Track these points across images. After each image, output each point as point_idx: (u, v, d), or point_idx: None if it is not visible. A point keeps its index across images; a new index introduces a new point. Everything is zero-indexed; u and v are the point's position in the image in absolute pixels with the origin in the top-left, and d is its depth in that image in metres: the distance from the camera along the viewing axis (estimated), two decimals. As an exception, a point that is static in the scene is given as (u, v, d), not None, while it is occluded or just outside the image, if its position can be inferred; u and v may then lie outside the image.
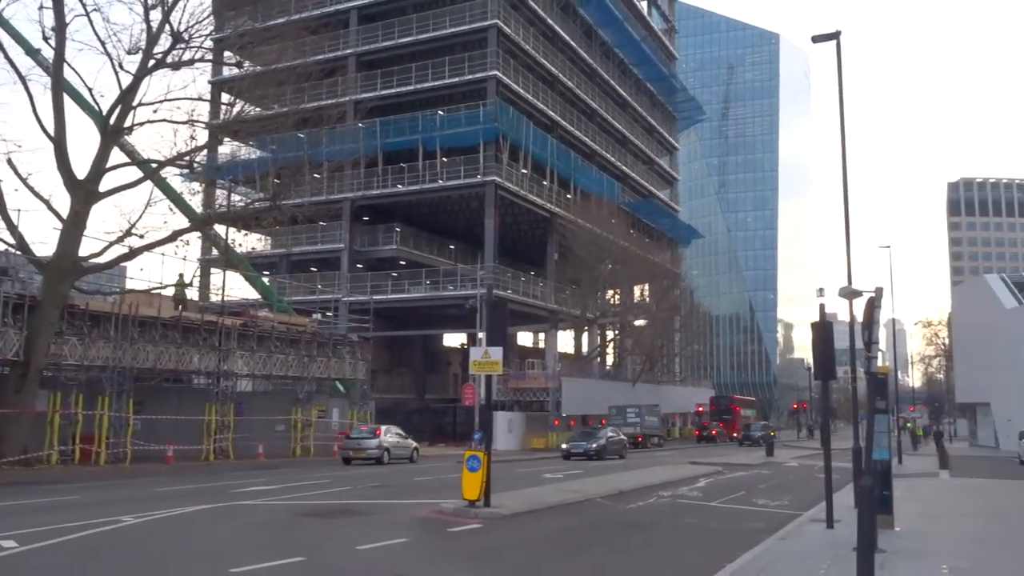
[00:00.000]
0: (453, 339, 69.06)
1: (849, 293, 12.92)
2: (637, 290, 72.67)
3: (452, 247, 60.02)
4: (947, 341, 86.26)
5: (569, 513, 16.62)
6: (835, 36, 17.93)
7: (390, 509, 16.60)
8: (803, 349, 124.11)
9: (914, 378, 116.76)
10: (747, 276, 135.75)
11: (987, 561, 11.40)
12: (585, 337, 64.97)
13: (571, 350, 67.65)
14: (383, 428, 32.71)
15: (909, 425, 66.60)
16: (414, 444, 34.69)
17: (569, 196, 57.93)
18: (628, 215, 65.01)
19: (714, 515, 17.08)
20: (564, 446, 38.44)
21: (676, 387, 73.90)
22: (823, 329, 13.64)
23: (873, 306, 10.74)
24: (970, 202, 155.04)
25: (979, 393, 63.23)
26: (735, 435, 64.07)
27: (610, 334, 70.09)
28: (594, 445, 37.03)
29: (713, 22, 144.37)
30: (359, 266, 54.61)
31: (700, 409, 71.19)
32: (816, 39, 18.34)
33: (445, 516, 15.20)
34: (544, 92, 56.56)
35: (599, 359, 67.73)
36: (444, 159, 51.70)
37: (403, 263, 54.67)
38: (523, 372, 52.60)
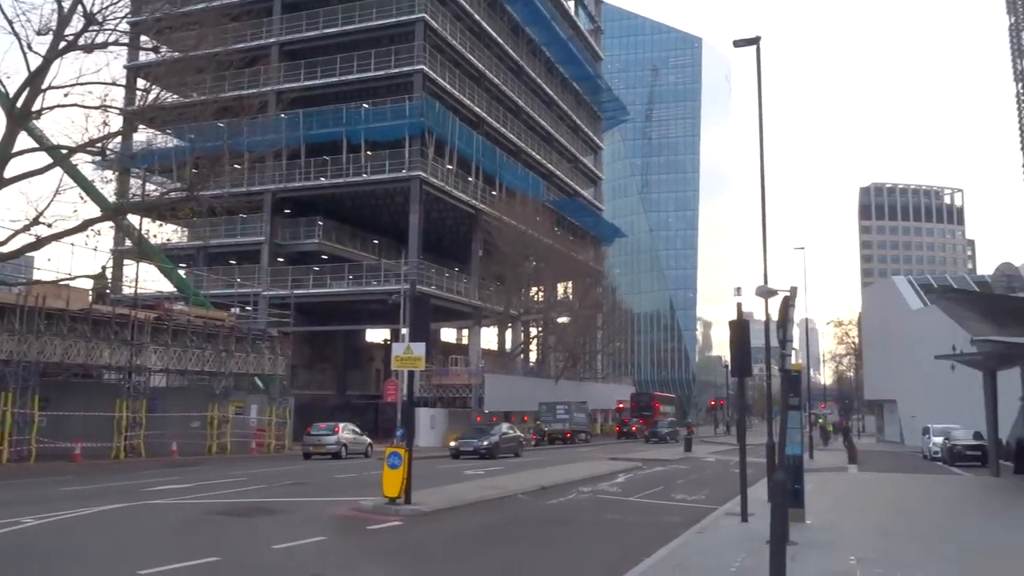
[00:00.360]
0: (376, 335, 68.36)
1: (765, 292, 13.25)
2: (561, 288, 73.24)
3: (376, 242, 59.37)
4: (857, 340, 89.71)
5: (490, 509, 16.60)
6: (755, 41, 18.35)
7: (308, 507, 16.29)
8: (721, 347, 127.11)
9: (826, 376, 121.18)
10: (668, 275, 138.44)
11: (892, 552, 11.82)
12: (509, 334, 65.18)
13: (495, 347, 67.76)
14: (341, 425, 34.37)
15: (821, 421, 68.88)
16: (368, 440, 35.45)
17: (494, 193, 57.98)
18: (553, 213, 65.45)
19: (633, 510, 17.31)
20: (452, 444, 35.34)
21: (598, 384, 74.77)
22: (740, 327, 13.96)
23: (788, 305, 11.03)
24: (880, 206, 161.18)
25: (886, 390, 65.95)
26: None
27: (533, 331, 70.44)
28: (485, 443, 34.20)
29: (638, 24, 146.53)
30: (280, 260, 53.52)
31: (621, 406, 72.20)
32: (737, 43, 18.74)
33: (364, 514, 14.99)
34: (471, 88, 56.42)
35: (522, 356, 68.02)
36: (368, 153, 51.05)
37: (325, 257, 53.81)
38: (446, 368, 52.46)
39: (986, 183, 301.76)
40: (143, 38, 31.68)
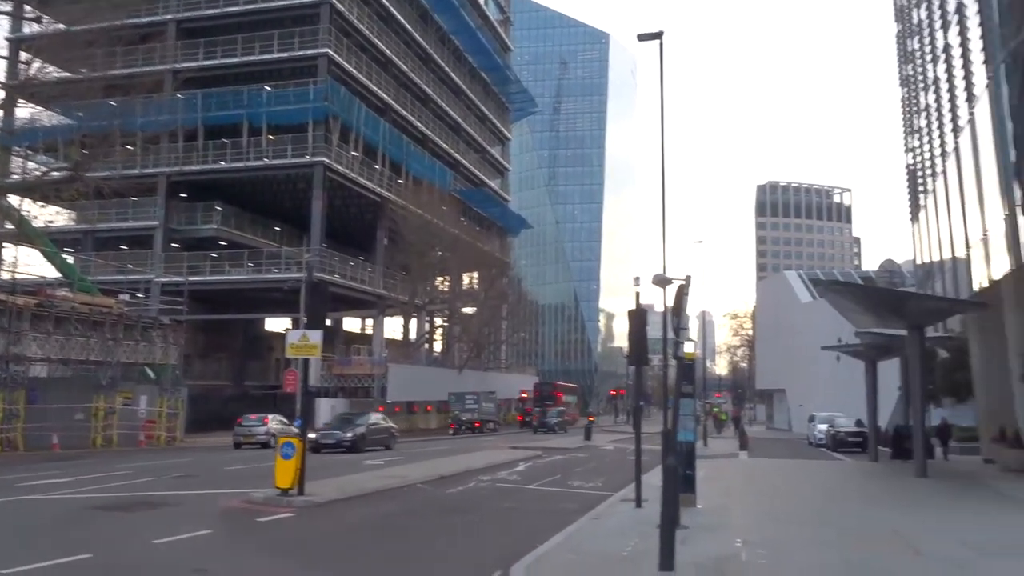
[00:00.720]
0: (277, 324, 66.71)
1: (660, 280, 13.49)
2: (466, 278, 73.15)
3: (277, 229, 57.89)
4: (751, 332, 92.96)
5: (387, 499, 16.39)
6: (658, 36, 18.60)
7: (196, 500, 15.72)
8: (623, 338, 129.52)
9: (721, 366, 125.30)
10: (573, 267, 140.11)
11: (776, 534, 12.25)
12: (413, 324, 64.68)
13: (399, 336, 67.17)
14: (270, 417, 34.79)
15: (716, 410, 71.05)
16: (296, 429, 34.25)
17: (400, 181, 57.34)
18: (459, 203, 65.21)
19: (531, 498, 17.41)
20: (313, 435, 29.43)
21: (502, 374, 75.10)
22: (638, 317, 14.18)
23: (682, 293, 11.23)
24: (775, 204, 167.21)
25: (776, 380, 68.64)
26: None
27: (439, 321, 70.13)
28: (350, 434, 30.88)
29: (547, 17, 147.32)
30: (175, 245, 51.56)
31: (524, 395, 72.69)
32: (641, 37, 18.94)
33: (255, 506, 14.55)
34: (377, 74, 55.56)
35: (427, 346, 67.66)
36: (270, 137, 49.70)
37: (224, 244, 52.14)
38: (349, 358, 51.70)
39: (872, 183, 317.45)
40: (26, 8, 29.95)
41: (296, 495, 14.79)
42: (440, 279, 65.69)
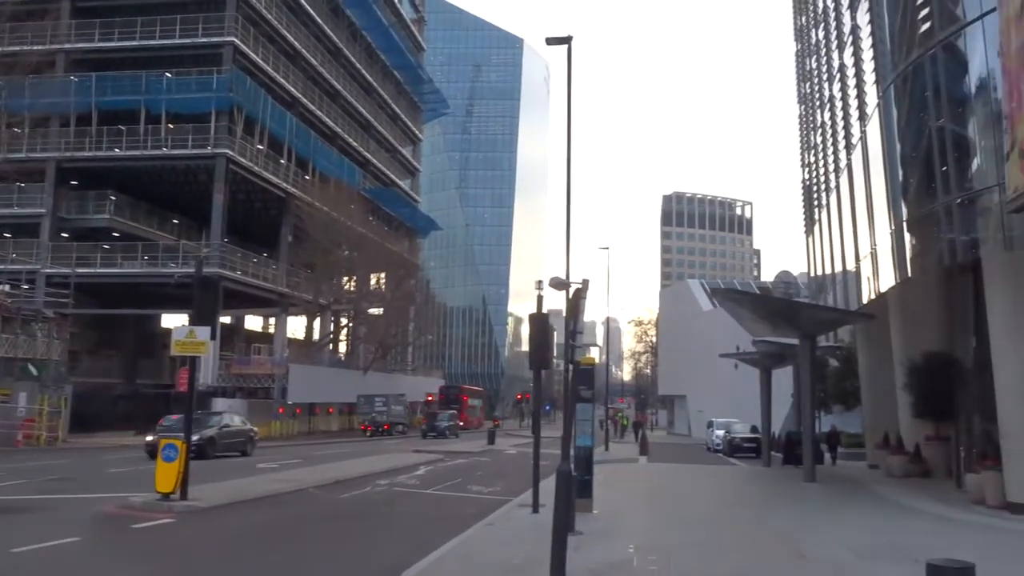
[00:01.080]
0: (173, 320, 64.20)
1: (558, 284, 13.42)
2: (374, 278, 72.12)
3: (176, 221, 55.58)
4: (655, 339, 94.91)
5: (277, 505, 15.80)
6: (567, 40, 18.59)
7: (69, 504, 14.79)
8: (523, 340, 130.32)
9: (625, 372, 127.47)
10: (482, 270, 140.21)
11: (668, 539, 12.33)
12: (317, 323, 63.32)
13: (303, 336, 65.64)
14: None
15: (620, 415, 72.07)
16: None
17: (307, 177, 55.99)
18: (368, 202, 64.15)
19: (428, 503, 17.11)
20: (149, 438, 26.33)
21: (408, 376, 74.36)
22: (539, 321, 14.04)
23: (579, 297, 11.14)
24: (680, 214, 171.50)
25: (677, 386, 70.18)
26: (462, 424, 65.98)
27: (343, 321, 68.89)
28: (195, 437, 24.54)
29: (462, 19, 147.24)
30: (64, 235, 48.93)
31: (430, 398, 72.18)
32: (550, 41, 18.87)
33: (132, 511, 13.77)
34: (286, 66, 54.12)
35: (331, 346, 66.35)
36: (170, 125, 47.67)
37: (117, 235, 49.72)
38: (248, 357, 50.14)
39: (772, 197, 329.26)
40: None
41: (178, 499, 14.08)
42: (346, 279, 64.51)
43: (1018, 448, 14.86)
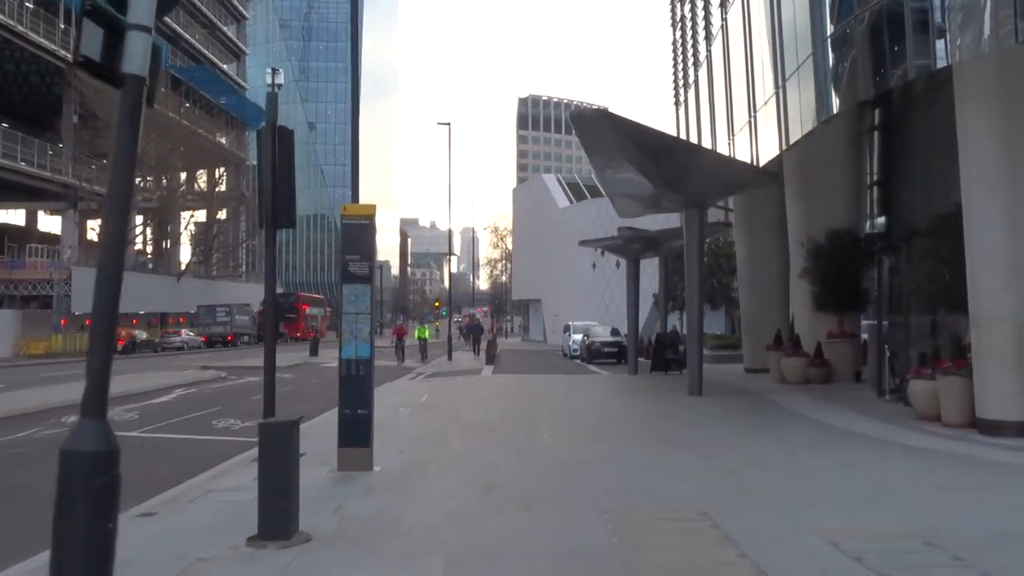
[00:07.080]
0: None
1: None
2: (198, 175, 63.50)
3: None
4: (511, 246, 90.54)
5: None
6: None
7: None
8: (383, 252, 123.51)
9: (482, 281, 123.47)
10: (327, 171, 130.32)
11: (499, 538, 7.33)
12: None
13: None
14: None
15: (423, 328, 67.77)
16: None
17: (94, 46, 46.56)
18: (182, 85, 55.26)
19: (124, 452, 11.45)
20: None
21: (239, 284, 66.90)
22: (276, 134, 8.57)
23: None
24: (536, 117, 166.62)
25: (532, 290, 66.23)
26: (298, 335, 59.98)
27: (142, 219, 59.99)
28: None
29: None
30: None
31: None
32: None
33: None
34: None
35: (134, 249, 57.75)
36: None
37: None
38: (20, 260, 41.74)
39: (634, 102, 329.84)
40: None
41: None
42: (156, 173, 55.73)
43: (999, 344, 10.62)
